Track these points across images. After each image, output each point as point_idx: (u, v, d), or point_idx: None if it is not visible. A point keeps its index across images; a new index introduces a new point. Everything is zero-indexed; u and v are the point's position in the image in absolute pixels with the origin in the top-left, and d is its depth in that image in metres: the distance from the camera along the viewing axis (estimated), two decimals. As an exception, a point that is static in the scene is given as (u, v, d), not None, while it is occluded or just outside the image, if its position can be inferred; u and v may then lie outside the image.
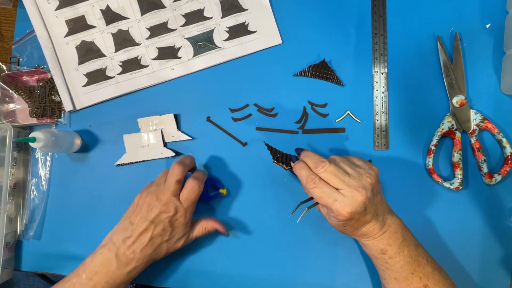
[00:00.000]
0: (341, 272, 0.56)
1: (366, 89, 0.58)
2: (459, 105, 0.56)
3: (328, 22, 0.59)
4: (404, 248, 0.46)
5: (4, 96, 0.59)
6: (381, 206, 0.47)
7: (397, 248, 0.46)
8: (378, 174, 0.47)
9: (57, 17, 0.59)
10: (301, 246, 0.57)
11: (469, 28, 0.57)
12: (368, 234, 0.47)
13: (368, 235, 0.47)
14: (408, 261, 0.46)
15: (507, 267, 0.55)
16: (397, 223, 0.48)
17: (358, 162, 0.48)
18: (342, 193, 0.43)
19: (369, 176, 0.45)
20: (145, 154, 0.59)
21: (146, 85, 0.59)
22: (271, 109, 0.59)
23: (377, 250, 0.47)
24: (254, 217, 0.57)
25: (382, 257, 0.47)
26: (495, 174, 0.55)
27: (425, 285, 0.46)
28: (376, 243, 0.47)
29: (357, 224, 0.46)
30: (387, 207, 0.49)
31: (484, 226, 0.55)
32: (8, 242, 0.57)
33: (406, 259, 0.46)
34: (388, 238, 0.47)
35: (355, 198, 0.43)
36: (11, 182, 0.57)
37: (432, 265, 0.48)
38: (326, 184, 0.44)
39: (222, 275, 0.57)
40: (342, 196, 0.43)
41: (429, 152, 0.56)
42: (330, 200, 0.43)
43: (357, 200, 0.43)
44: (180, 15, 0.59)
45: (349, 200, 0.43)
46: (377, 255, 0.47)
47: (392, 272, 0.47)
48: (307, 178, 0.45)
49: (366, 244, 0.48)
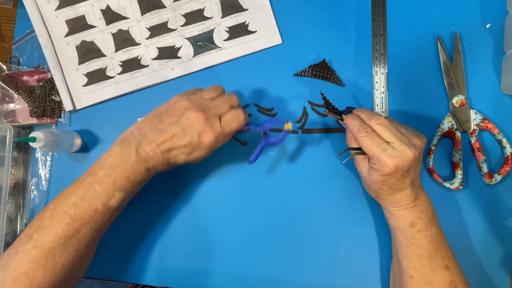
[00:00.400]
0: (341, 272, 0.56)
1: (366, 89, 0.58)
2: (459, 105, 0.56)
3: (328, 22, 0.59)
4: (433, 225, 0.47)
5: (4, 96, 0.59)
6: (418, 178, 0.48)
7: (427, 223, 0.46)
8: (425, 144, 0.47)
9: (57, 17, 0.59)
10: (301, 246, 0.57)
11: (469, 28, 0.57)
12: (400, 202, 0.47)
13: (400, 204, 0.47)
14: (435, 238, 0.46)
15: (507, 267, 0.55)
16: (428, 200, 0.48)
17: (409, 128, 0.48)
18: (393, 146, 0.44)
19: (420, 139, 0.46)
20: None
21: (146, 85, 0.59)
22: (271, 109, 0.59)
23: (407, 222, 0.47)
24: (254, 217, 0.57)
25: (410, 230, 0.47)
26: (495, 174, 0.55)
27: (446, 266, 0.46)
28: (406, 214, 0.47)
29: (395, 186, 0.45)
30: (420, 183, 0.49)
31: (484, 226, 0.55)
32: (8, 242, 0.57)
33: (433, 236, 0.46)
34: (419, 212, 0.47)
35: (405, 153, 0.43)
36: (11, 182, 0.57)
37: (451, 250, 0.48)
38: (377, 135, 0.45)
39: (222, 275, 0.57)
40: (392, 148, 0.44)
41: (429, 152, 0.56)
42: (379, 150, 0.44)
43: (407, 155, 0.43)
44: (180, 15, 0.59)
45: (399, 153, 0.43)
46: (405, 227, 0.47)
47: (417, 247, 0.47)
48: (360, 126, 0.46)
49: (396, 215, 0.48)
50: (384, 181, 0.45)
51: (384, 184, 0.46)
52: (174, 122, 0.45)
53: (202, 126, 0.44)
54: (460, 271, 0.47)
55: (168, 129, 0.44)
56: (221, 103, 0.46)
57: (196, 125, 0.44)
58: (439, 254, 0.46)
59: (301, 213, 0.57)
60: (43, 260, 0.42)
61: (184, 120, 0.44)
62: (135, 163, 0.44)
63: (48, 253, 0.42)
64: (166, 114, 0.45)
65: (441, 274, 0.46)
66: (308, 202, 0.57)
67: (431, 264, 0.46)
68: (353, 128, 0.47)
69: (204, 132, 0.44)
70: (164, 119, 0.45)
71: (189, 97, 0.46)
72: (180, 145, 0.45)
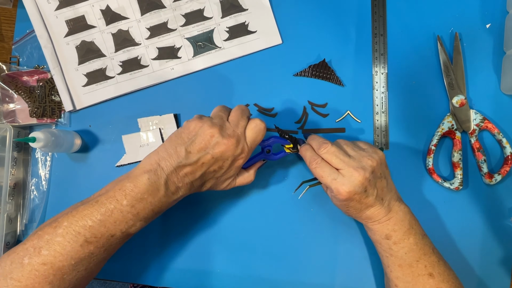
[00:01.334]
0: (341, 272, 0.56)
1: (366, 89, 0.58)
2: (459, 105, 0.55)
3: (328, 22, 0.59)
4: (410, 236, 0.46)
5: (4, 96, 0.59)
6: (388, 192, 0.47)
7: (402, 235, 0.46)
8: (382, 158, 0.47)
9: (57, 17, 0.59)
10: (301, 246, 0.57)
11: (469, 28, 0.57)
12: (372, 218, 0.47)
13: (373, 219, 0.47)
14: (413, 249, 0.46)
15: (507, 267, 0.55)
16: (405, 211, 0.47)
17: (364, 146, 0.48)
18: (341, 173, 0.44)
19: (371, 158, 0.45)
20: (145, 153, 0.58)
21: (146, 85, 0.59)
22: (271, 109, 0.59)
23: (382, 235, 0.47)
24: (254, 217, 0.57)
25: (386, 242, 0.47)
26: (495, 174, 0.55)
27: (430, 273, 0.46)
28: (380, 228, 0.47)
29: (359, 206, 0.46)
30: (395, 195, 0.49)
31: (484, 226, 0.55)
32: (8, 242, 0.57)
33: (411, 246, 0.46)
34: (393, 224, 0.46)
35: (354, 177, 0.44)
36: (11, 182, 0.57)
37: (438, 256, 0.48)
38: (327, 165, 0.45)
39: (222, 275, 0.57)
40: (341, 176, 0.44)
41: (429, 152, 0.56)
42: (329, 179, 0.44)
43: (356, 180, 0.43)
44: (180, 15, 0.59)
45: (347, 179, 0.44)
46: (381, 240, 0.47)
47: (395, 258, 0.47)
48: (311, 158, 0.47)
49: (371, 228, 0.48)
50: (346, 205, 0.46)
51: (348, 207, 0.46)
52: (204, 151, 0.44)
53: (233, 150, 0.45)
54: (448, 276, 0.47)
55: (197, 159, 0.44)
56: (238, 117, 0.46)
57: (228, 151, 0.44)
58: (421, 263, 0.46)
59: (301, 213, 0.57)
60: (51, 277, 0.41)
61: (213, 148, 0.44)
62: (163, 197, 0.44)
63: (57, 271, 0.41)
64: (192, 143, 0.44)
65: (425, 282, 0.46)
66: (308, 202, 0.57)
67: (413, 273, 0.46)
68: (305, 160, 0.48)
69: (238, 156, 0.45)
70: (191, 149, 0.44)
71: (211, 122, 0.44)
72: (211, 171, 0.45)
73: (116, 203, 0.42)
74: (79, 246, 0.41)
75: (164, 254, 0.57)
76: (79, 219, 0.42)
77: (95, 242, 0.42)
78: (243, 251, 0.57)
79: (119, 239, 0.44)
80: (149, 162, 0.44)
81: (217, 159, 0.44)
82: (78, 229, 0.41)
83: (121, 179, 0.44)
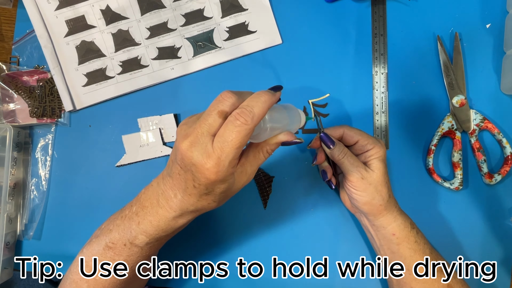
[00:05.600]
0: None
1: (366, 89, 0.58)
2: (459, 105, 0.56)
3: (328, 22, 0.59)
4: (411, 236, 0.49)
5: (4, 96, 0.59)
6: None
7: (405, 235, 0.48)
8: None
9: (57, 17, 0.59)
10: (301, 245, 0.57)
11: (469, 28, 0.57)
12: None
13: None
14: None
15: (507, 267, 0.55)
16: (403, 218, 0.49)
17: None
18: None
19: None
20: (145, 153, 0.59)
21: (146, 85, 0.59)
22: (271, 109, 0.59)
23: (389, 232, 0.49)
24: (254, 217, 0.57)
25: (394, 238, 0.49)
26: (495, 174, 0.55)
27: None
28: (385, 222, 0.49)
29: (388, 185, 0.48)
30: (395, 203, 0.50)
31: (484, 226, 0.55)
32: (8, 242, 0.57)
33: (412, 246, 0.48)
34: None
35: (382, 145, 0.49)
36: (11, 182, 0.57)
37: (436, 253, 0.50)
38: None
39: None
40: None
41: (429, 152, 0.56)
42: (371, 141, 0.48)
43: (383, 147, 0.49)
44: (180, 15, 0.59)
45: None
46: (390, 236, 0.49)
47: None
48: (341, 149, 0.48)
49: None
50: (385, 173, 0.47)
51: (387, 182, 0.47)
52: (205, 187, 0.37)
53: (222, 189, 0.38)
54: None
55: (204, 194, 0.38)
56: (204, 117, 0.38)
57: (220, 191, 0.38)
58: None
59: (301, 213, 0.57)
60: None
61: (214, 189, 0.38)
62: (171, 220, 0.41)
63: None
64: (196, 179, 0.37)
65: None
66: (308, 202, 0.57)
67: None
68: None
69: (230, 189, 0.39)
70: (197, 184, 0.38)
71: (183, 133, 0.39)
72: (214, 200, 0.39)
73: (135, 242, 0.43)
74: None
75: (164, 253, 0.57)
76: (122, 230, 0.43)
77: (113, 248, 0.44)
78: (243, 251, 0.57)
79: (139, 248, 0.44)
80: (167, 196, 0.40)
81: (216, 194, 0.39)
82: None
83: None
